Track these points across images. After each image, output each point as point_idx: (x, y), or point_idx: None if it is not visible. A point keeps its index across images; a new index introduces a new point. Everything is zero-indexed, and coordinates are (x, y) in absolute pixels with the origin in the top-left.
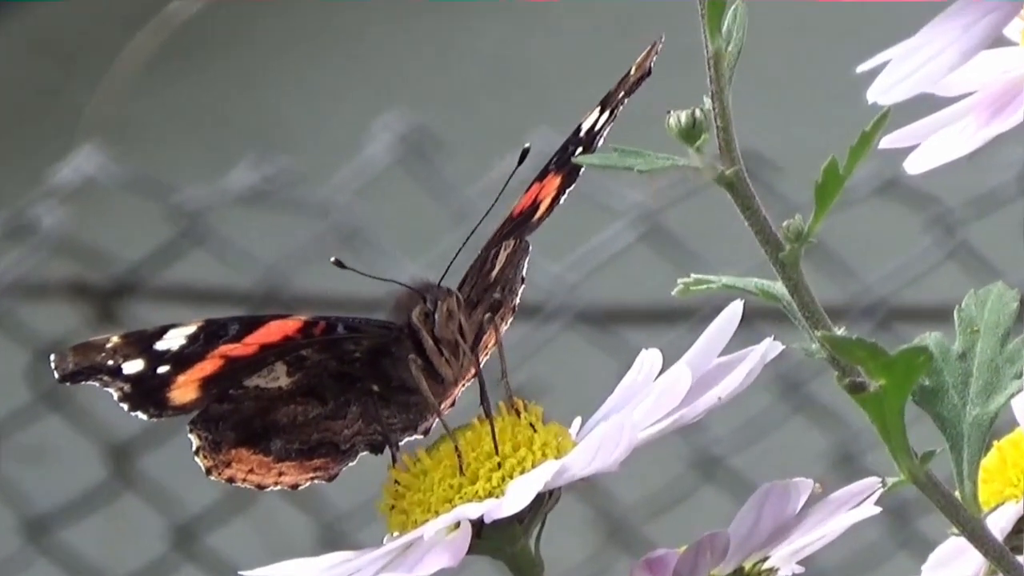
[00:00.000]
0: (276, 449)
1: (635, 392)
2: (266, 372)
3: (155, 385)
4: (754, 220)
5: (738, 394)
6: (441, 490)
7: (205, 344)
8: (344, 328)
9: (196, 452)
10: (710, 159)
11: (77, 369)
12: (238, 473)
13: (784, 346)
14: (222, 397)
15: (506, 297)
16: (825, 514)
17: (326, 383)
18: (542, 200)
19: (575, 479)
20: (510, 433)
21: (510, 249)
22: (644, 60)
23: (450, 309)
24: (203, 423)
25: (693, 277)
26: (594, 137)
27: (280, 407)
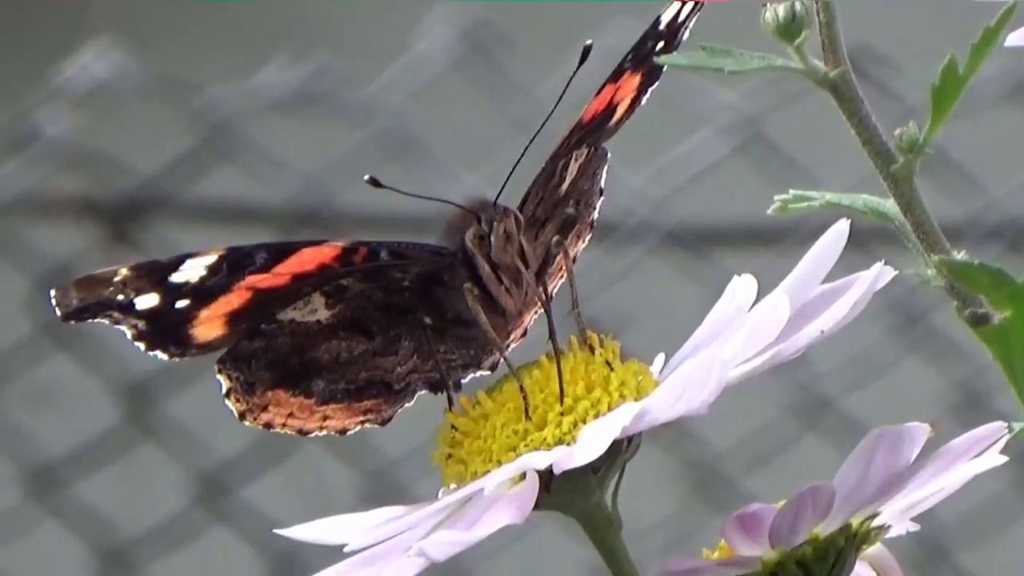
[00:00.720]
0: (319, 390)
1: (726, 324)
2: (302, 304)
3: (174, 321)
4: (862, 128)
5: (845, 327)
6: (504, 437)
7: (229, 275)
8: (389, 254)
9: (227, 394)
10: (812, 59)
11: (82, 305)
12: (276, 417)
13: (896, 272)
14: (253, 333)
15: (581, 212)
16: (943, 464)
17: (372, 316)
18: (619, 102)
19: (657, 423)
20: (583, 372)
21: (583, 158)
22: None
23: (508, 230)
24: (233, 362)
25: (792, 193)
26: (677, 30)
27: (320, 343)
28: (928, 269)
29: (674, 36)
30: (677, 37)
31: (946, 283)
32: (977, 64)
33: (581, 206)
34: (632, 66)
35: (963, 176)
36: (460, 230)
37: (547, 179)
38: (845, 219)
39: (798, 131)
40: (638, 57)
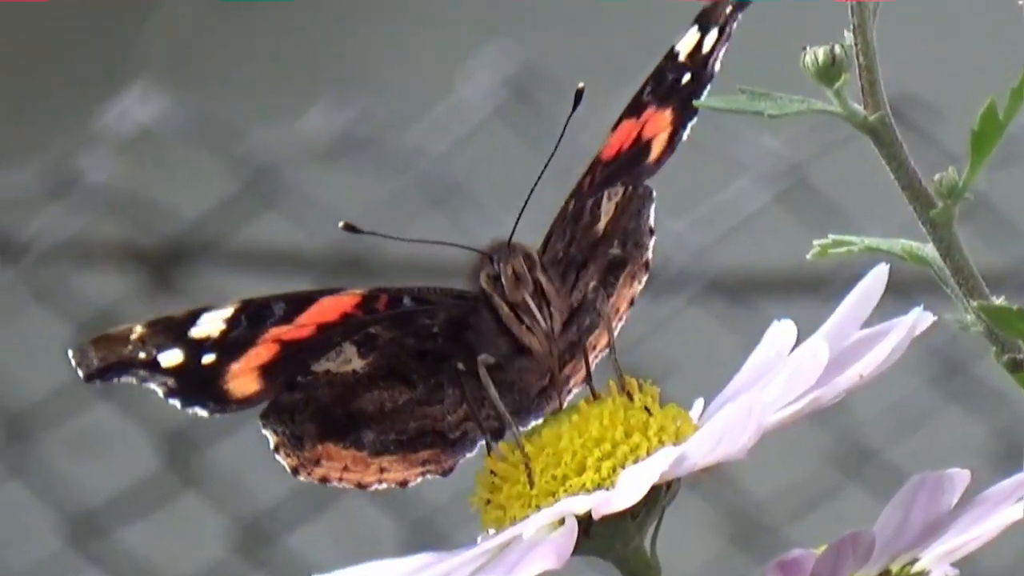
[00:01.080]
0: (369, 442)
1: (766, 369)
2: (334, 355)
3: (205, 377)
4: (901, 173)
5: (886, 374)
6: (543, 481)
7: (250, 328)
8: (412, 300)
9: (276, 450)
10: (851, 103)
11: (104, 365)
12: (331, 472)
13: (935, 317)
14: (291, 385)
15: (630, 252)
16: (984, 510)
17: (408, 363)
18: (651, 138)
19: (696, 468)
20: (622, 417)
21: (619, 196)
22: None
23: (516, 270)
24: (276, 416)
25: (831, 238)
26: (705, 62)
27: (361, 393)
28: (967, 314)
29: (703, 68)
30: (707, 70)
31: (985, 328)
32: (1016, 108)
33: (629, 246)
34: (656, 101)
35: (1004, 223)
36: (479, 273)
37: (575, 218)
38: (884, 264)
39: (840, 178)
40: (660, 91)
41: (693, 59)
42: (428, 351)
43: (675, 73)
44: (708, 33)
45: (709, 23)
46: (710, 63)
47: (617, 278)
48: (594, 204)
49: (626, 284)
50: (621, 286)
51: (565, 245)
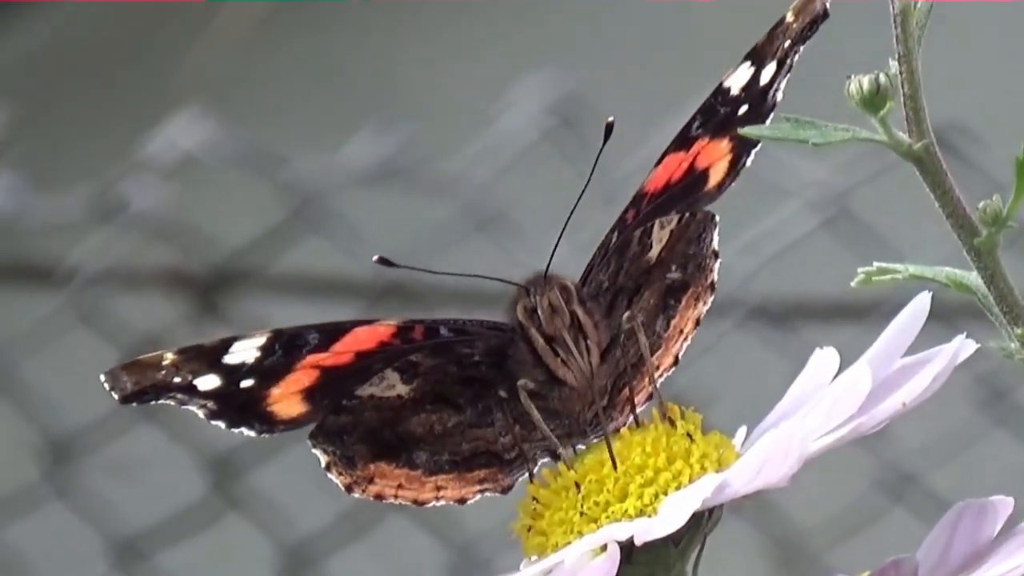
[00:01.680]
0: (423, 462)
1: (808, 397)
2: (377, 381)
3: (247, 400)
4: (946, 201)
5: (932, 401)
6: (586, 507)
7: (286, 356)
8: (448, 331)
9: (327, 468)
10: (896, 131)
11: (138, 389)
12: (387, 489)
13: (979, 345)
14: (337, 408)
15: (692, 275)
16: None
17: (454, 389)
18: (707, 167)
19: (738, 495)
20: (664, 444)
21: (673, 224)
22: (808, 2)
23: (552, 303)
24: (325, 437)
25: (876, 266)
26: (765, 94)
27: (409, 416)
28: (1011, 342)
29: (763, 100)
30: (768, 101)
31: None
32: None
33: (690, 269)
34: (709, 133)
35: None
36: (516, 304)
37: (621, 249)
38: (927, 292)
39: (884, 206)
40: (712, 123)
41: (749, 91)
42: (472, 377)
43: (728, 106)
44: (765, 67)
45: (764, 58)
46: (770, 94)
47: (679, 301)
48: (643, 233)
49: (689, 306)
50: (684, 308)
51: (611, 275)
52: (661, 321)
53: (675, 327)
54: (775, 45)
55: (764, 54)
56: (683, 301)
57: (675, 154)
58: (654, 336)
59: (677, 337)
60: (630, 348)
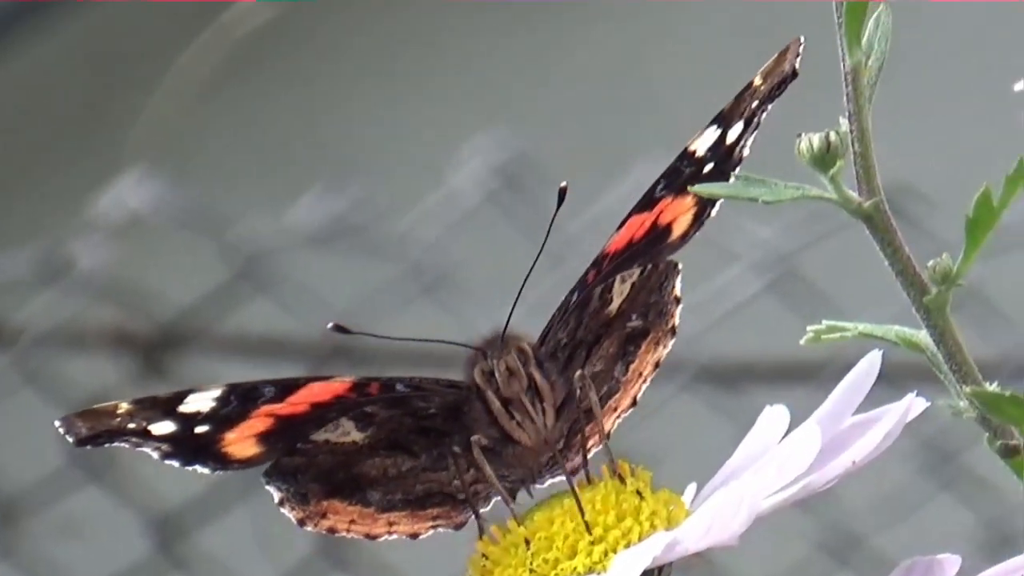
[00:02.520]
0: (375, 500)
1: (758, 455)
2: (332, 428)
3: (202, 443)
4: (896, 259)
5: (875, 462)
6: (535, 565)
7: (241, 406)
8: (405, 387)
9: (280, 504)
10: (847, 189)
11: (93, 433)
12: (339, 524)
13: (929, 403)
14: (291, 451)
15: (653, 322)
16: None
17: (409, 438)
18: (672, 222)
19: (688, 553)
20: (614, 501)
21: (636, 277)
22: (776, 65)
23: (510, 367)
24: (278, 475)
25: (825, 324)
26: (731, 151)
27: (363, 460)
28: (960, 401)
29: (728, 157)
30: (734, 157)
31: (978, 414)
32: (1011, 195)
33: (651, 316)
34: (674, 191)
35: (995, 313)
36: (473, 366)
37: (581, 306)
38: (878, 351)
39: (831, 268)
40: (677, 183)
41: (716, 150)
42: (427, 428)
43: (694, 166)
44: (732, 127)
45: (731, 120)
46: (737, 151)
47: (638, 346)
48: (604, 289)
49: (649, 350)
50: (644, 352)
51: (571, 332)
52: (620, 367)
53: (634, 371)
54: (742, 107)
55: (731, 116)
56: (643, 346)
57: (638, 215)
58: (613, 381)
59: (636, 380)
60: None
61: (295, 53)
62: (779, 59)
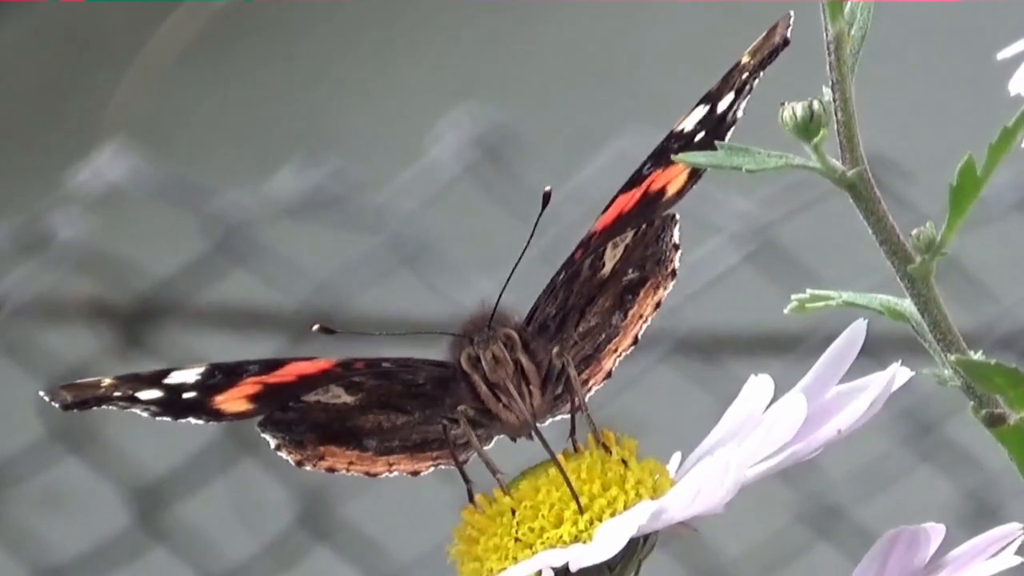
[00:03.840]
0: (373, 447)
1: (743, 424)
2: (323, 391)
3: (192, 403)
4: (880, 228)
5: (855, 435)
6: (520, 533)
7: (227, 378)
8: (392, 366)
9: (277, 448)
10: (830, 158)
11: (80, 399)
12: (338, 464)
13: (913, 372)
14: (284, 407)
15: (651, 270)
16: (959, 564)
17: (400, 401)
18: (665, 186)
19: (674, 522)
20: (599, 470)
21: (629, 239)
22: (766, 41)
23: (496, 355)
24: (273, 426)
25: (810, 293)
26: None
27: (357, 416)
28: (945, 369)
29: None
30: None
31: (963, 383)
32: (995, 164)
33: (648, 267)
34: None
35: (976, 285)
36: (459, 349)
37: (570, 279)
38: (862, 320)
39: (810, 240)
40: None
41: (706, 122)
42: (418, 394)
43: (683, 140)
44: (721, 99)
45: (721, 96)
46: (728, 116)
47: (636, 294)
48: (594, 259)
49: (648, 294)
50: (643, 297)
51: (560, 303)
52: (619, 315)
53: (634, 314)
54: (731, 82)
55: (720, 93)
56: (641, 292)
57: (624, 195)
58: (611, 328)
59: (636, 321)
60: (585, 345)
61: (273, 25)
62: (768, 36)
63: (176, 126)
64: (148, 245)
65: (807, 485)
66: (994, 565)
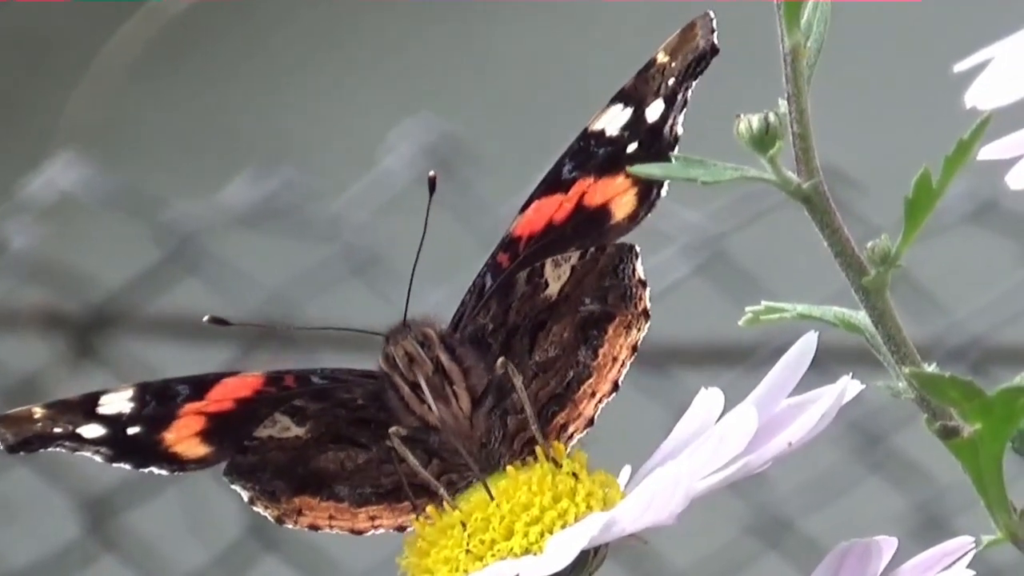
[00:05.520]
0: (346, 495)
1: (694, 436)
2: (270, 423)
3: (143, 445)
4: (835, 240)
5: (805, 447)
6: (471, 545)
7: (161, 405)
8: (321, 379)
9: (251, 502)
10: (785, 170)
11: (21, 439)
12: (319, 520)
13: (864, 385)
14: (240, 448)
15: (616, 305)
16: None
17: (351, 430)
18: (607, 203)
19: (624, 534)
20: (550, 483)
21: (575, 260)
22: (683, 40)
23: (408, 351)
24: (238, 474)
25: (764, 304)
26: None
27: (316, 455)
28: (899, 382)
29: (654, 137)
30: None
31: (917, 396)
32: (951, 176)
33: (611, 300)
34: (593, 172)
35: (927, 297)
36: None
37: (504, 290)
38: (813, 332)
39: (759, 252)
40: (593, 163)
41: (634, 129)
42: (365, 419)
43: (609, 146)
44: (648, 105)
45: (644, 97)
46: (665, 131)
47: (603, 330)
48: (531, 273)
49: (619, 334)
50: (613, 336)
51: (496, 316)
52: (586, 351)
53: (606, 355)
54: (652, 85)
55: (641, 94)
56: (609, 330)
57: (547, 198)
58: (579, 366)
59: (611, 364)
60: (550, 379)
61: (226, 35)
62: (685, 34)
63: (129, 136)
64: (100, 254)
65: (756, 497)
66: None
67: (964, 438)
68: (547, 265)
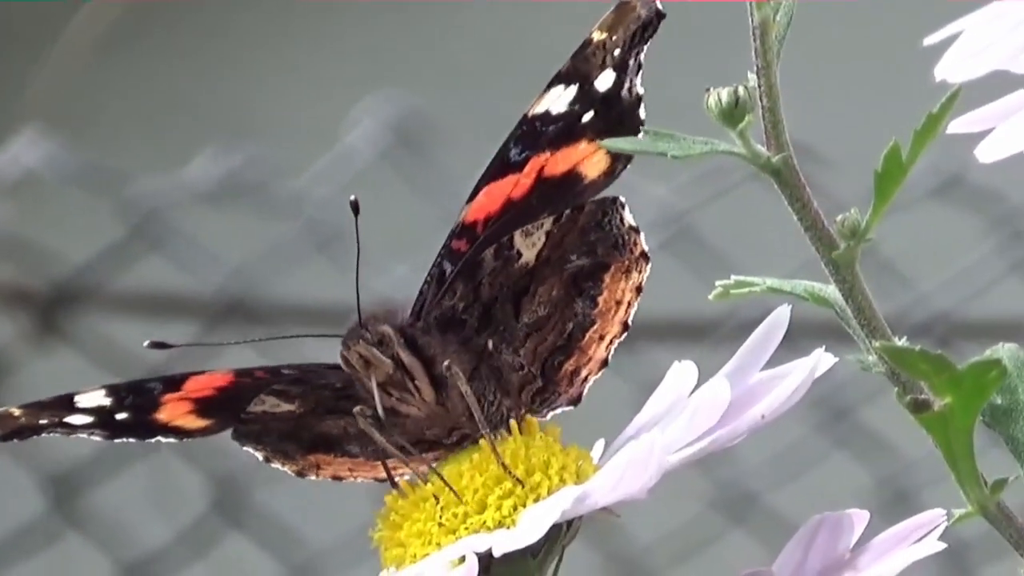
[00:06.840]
0: (358, 452)
1: (667, 410)
2: (259, 403)
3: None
4: (804, 214)
5: (771, 423)
6: (444, 519)
7: (140, 397)
8: (291, 371)
9: (267, 461)
10: (755, 144)
11: (10, 431)
12: (340, 471)
13: (836, 359)
14: (240, 419)
15: (608, 254)
16: (882, 550)
17: (340, 404)
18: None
19: (597, 507)
20: (523, 455)
21: (549, 225)
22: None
23: (363, 355)
24: (246, 439)
25: (733, 279)
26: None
27: (316, 423)
28: (869, 356)
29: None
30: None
31: (887, 370)
32: (920, 150)
33: (601, 252)
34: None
35: (893, 271)
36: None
37: (469, 271)
38: (786, 305)
39: (725, 227)
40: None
41: (584, 101)
42: (350, 396)
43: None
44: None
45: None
46: (623, 94)
47: (599, 280)
48: (499, 248)
49: (618, 279)
50: (612, 282)
51: (467, 295)
52: (583, 302)
53: (607, 301)
54: (594, 61)
55: (583, 72)
56: (605, 279)
57: (498, 181)
58: (580, 317)
59: (616, 308)
60: (547, 335)
61: (190, 11)
62: (621, 9)
63: (93, 112)
64: (64, 231)
65: (721, 472)
66: (917, 551)
67: (935, 412)
68: (516, 237)
